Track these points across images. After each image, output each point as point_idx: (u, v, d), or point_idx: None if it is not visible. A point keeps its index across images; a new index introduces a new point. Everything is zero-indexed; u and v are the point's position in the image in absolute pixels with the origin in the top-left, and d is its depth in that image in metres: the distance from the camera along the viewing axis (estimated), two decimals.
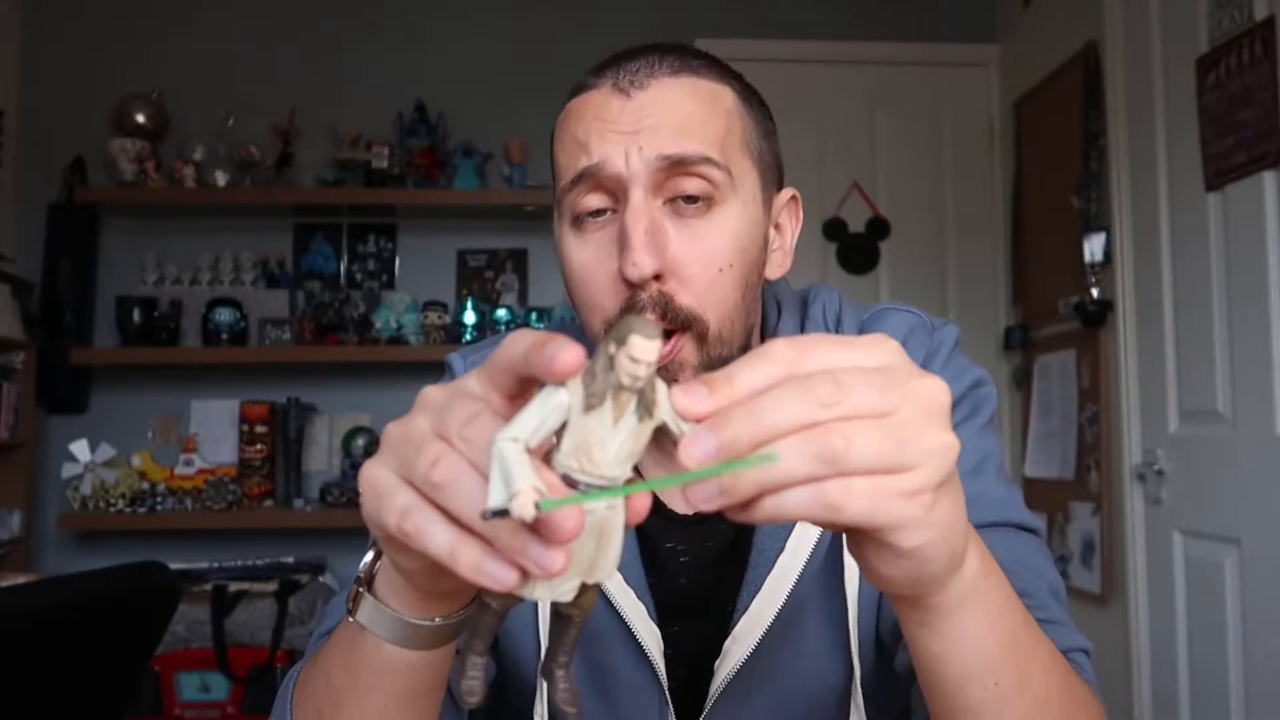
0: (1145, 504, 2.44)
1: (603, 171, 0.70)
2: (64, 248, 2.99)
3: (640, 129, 0.70)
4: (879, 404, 0.39)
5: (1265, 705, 2.00)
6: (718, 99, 0.74)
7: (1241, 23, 2.07)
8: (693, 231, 0.71)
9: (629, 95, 0.71)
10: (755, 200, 0.75)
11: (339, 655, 0.56)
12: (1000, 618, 0.50)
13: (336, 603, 0.76)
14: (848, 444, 0.37)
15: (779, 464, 0.37)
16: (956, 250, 3.27)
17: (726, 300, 0.72)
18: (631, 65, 0.73)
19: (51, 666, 1.40)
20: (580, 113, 0.73)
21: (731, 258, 0.72)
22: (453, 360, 0.86)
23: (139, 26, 3.16)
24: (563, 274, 0.77)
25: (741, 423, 0.38)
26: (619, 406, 0.38)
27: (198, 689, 2.48)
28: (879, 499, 0.38)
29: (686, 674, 0.76)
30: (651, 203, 0.70)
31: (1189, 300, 2.28)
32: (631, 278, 0.68)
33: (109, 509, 2.85)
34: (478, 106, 3.17)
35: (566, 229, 0.74)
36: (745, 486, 0.38)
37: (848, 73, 3.25)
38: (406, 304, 3.06)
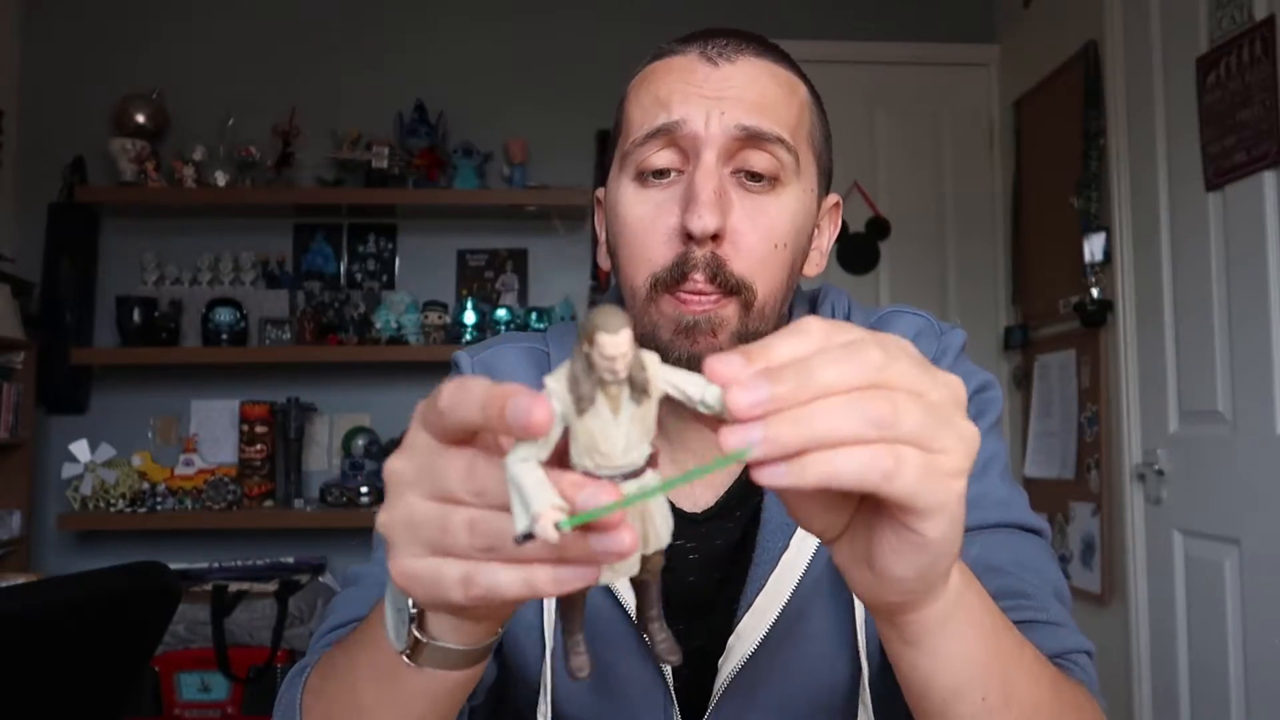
0: (1145, 504, 2.44)
1: (680, 130, 0.71)
2: (64, 248, 2.99)
3: (724, 96, 0.71)
4: (919, 381, 0.39)
5: (1265, 705, 2.00)
6: (795, 89, 0.77)
7: (1241, 23, 2.07)
8: (755, 205, 0.72)
9: (716, 64, 0.73)
10: (812, 193, 0.77)
11: (368, 673, 0.55)
12: (984, 630, 0.50)
13: (340, 602, 0.75)
14: (896, 412, 0.37)
15: (826, 420, 0.36)
16: (956, 250, 3.27)
17: (776, 277, 0.73)
18: (720, 40, 0.75)
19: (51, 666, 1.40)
20: (664, 74, 0.75)
21: (787, 237, 0.73)
22: (459, 359, 0.86)
23: (139, 26, 3.16)
24: (610, 230, 0.77)
25: (793, 376, 0.37)
26: (611, 400, 0.37)
27: (198, 689, 2.48)
28: (928, 474, 0.38)
29: (691, 672, 0.76)
30: (721, 169, 0.71)
31: (1189, 300, 2.28)
32: (695, 230, 0.68)
33: (109, 509, 2.85)
34: (478, 106, 3.17)
35: (627, 182, 0.74)
36: (789, 435, 0.36)
37: (847, 73, 3.25)
38: (406, 304, 3.06)
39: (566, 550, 0.37)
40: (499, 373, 0.83)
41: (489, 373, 0.83)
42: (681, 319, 0.71)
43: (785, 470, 0.37)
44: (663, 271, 0.71)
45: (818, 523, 0.45)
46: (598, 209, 0.84)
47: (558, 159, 3.13)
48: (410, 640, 0.50)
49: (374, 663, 0.54)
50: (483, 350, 0.86)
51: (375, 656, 0.54)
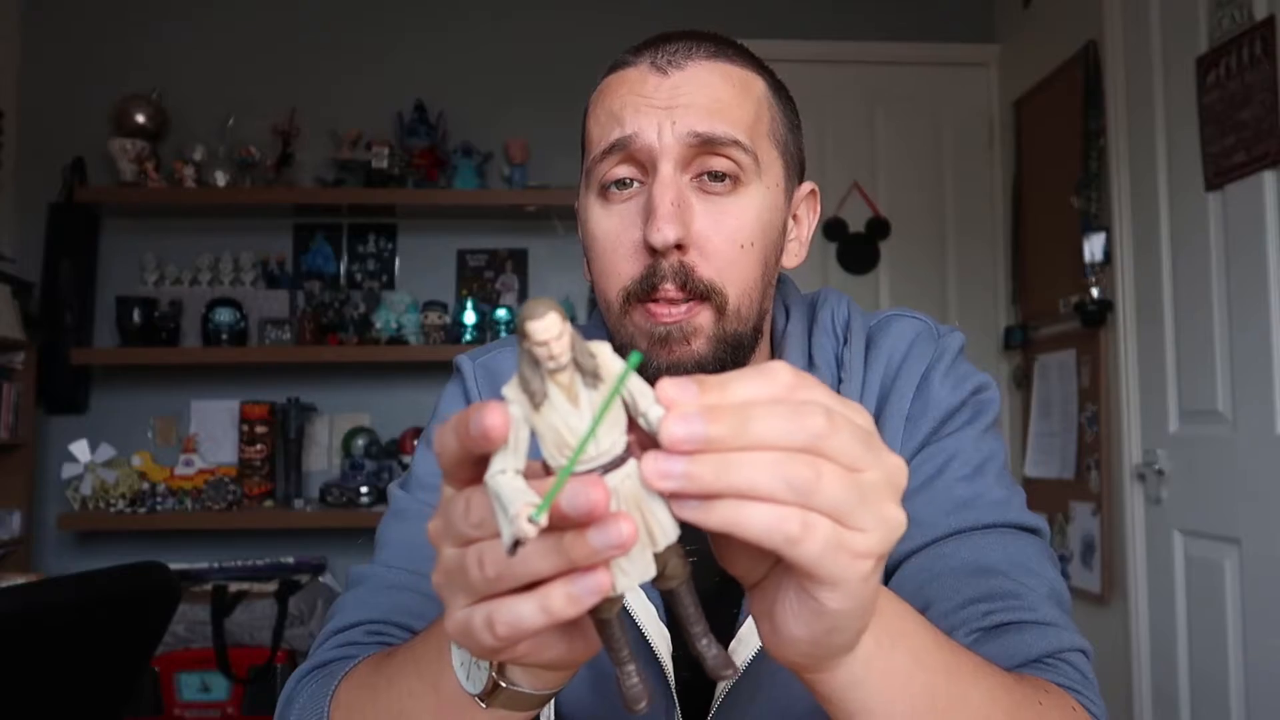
0: (1145, 504, 2.44)
1: (634, 143, 0.72)
2: (64, 248, 2.99)
3: (674, 105, 0.72)
4: (856, 458, 0.39)
5: (1265, 705, 2.00)
6: (750, 86, 0.76)
7: (1241, 23, 2.07)
8: (717, 208, 0.73)
9: (666, 73, 0.74)
10: (778, 187, 0.77)
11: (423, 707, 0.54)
12: (905, 690, 0.49)
13: (344, 603, 0.75)
14: (819, 481, 0.37)
15: (746, 472, 0.37)
16: (956, 250, 3.27)
17: (746, 277, 0.74)
18: (670, 46, 0.76)
19: (51, 666, 1.40)
20: (616, 87, 0.76)
21: (753, 236, 0.74)
22: (461, 362, 0.87)
23: (139, 26, 3.16)
24: (584, 245, 0.79)
25: (731, 421, 0.37)
26: (565, 389, 0.38)
27: (198, 689, 2.48)
28: (833, 547, 0.38)
29: (692, 675, 0.76)
30: (679, 178, 0.72)
31: (1189, 300, 2.28)
32: (656, 244, 0.70)
33: (109, 509, 2.85)
34: (478, 106, 3.17)
35: (592, 199, 0.76)
36: (710, 478, 0.37)
37: (848, 72, 3.25)
38: (406, 304, 3.06)
39: (569, 552, 0.37)
40: (501, 376, 0.84)
41: (490, 377, 0.84)
42: (654, 330, 0.72)
43: (695, 507, 0.37)
44: (633, 284, 0.72)
45: (738, 566, 0.45)
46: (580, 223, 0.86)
47: (558, 159, 3.13)
48: (489, 684, 0.49)
49: (430, 699, 0.54)
50: (484, 354, 0.87)
51: (432, 692, 0.54)
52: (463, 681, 0.51)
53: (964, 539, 0.73)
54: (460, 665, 0.51)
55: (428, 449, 0.83)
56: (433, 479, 0.81)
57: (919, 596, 0.75)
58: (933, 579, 0.73)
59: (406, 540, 0.78)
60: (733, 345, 0.74)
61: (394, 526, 0.80)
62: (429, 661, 0.54)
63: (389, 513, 0.82)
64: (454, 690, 0.51)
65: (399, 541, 0.79)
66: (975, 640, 0.68)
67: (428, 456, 0.83)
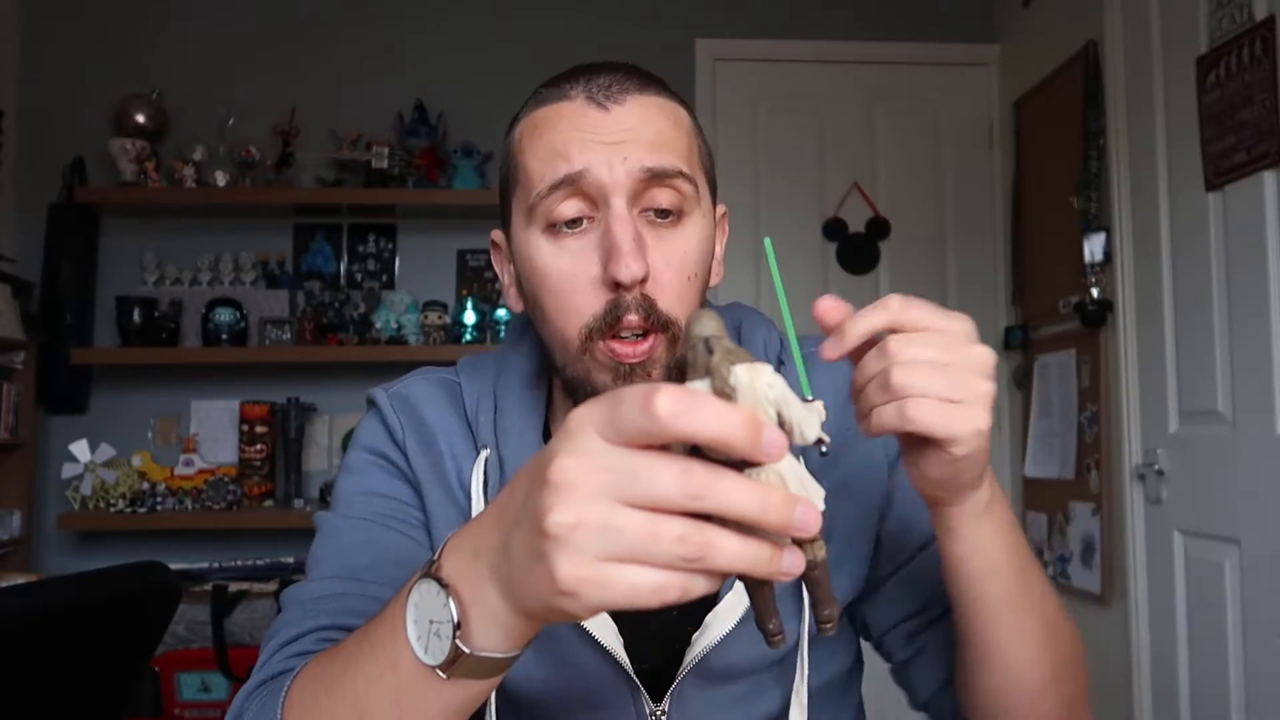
0: (1145, 504, 2.44)
1: (585, 179, 0.72)
2: (64, 248, 2.99)
3: (622, 141, 0.73)
4: (936, 356, 0.58)
5: (1265, 705, 2.00)
6: (680, 119, 0.78)
7: (1241, 23, 2.07)
8: (666, 242, 0.75)
9: (606, 108, 0.74)
10: (709, 214, 0.80)
11: (381, 689, 0.54)
12: (1006, 535, 0.68)
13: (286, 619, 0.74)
14: (906, 379, 0.58)
15: (919, 380, 0.58)
16: (956, 250, 3.27)
17: (692, 306, 0.76)
18: (601, 80, 0.76)
19: (51, 666, 1.40)
20: (555, 121, 0.75)
21: (697, 267, 0.77)
22: (375, 395, 0.87)
23: (139, 26, 3.16)
24: (526, 279, 0.78)
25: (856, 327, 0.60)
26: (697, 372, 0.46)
27: (198, 689, 2.48)
28: (945, 415, 0.57)
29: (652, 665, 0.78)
30: (631, 212, 0.73)
31: (1189, 300, 2.28)
32: (624, 280, 0.71)
33: (109, 509, 2.85)
34: (478, 106, 3.17)
35: (537, 234, 0.75)
36: (855, 340, 0.60)
37: (847, 73, 3.25)
38: (406, 304, 3.06)
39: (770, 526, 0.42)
40: (415, 402, 0.85)
41: (405, 404, 0.85)
42: (619, 368, 0.74)
43: (894, 415, 0.59)
44: (595, 320, 0.73)
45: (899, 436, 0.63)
46: (496, 252, 0.86)
47: None
48: (452, 653, 0.49)
49: (388, 679, 0.54)
50: (396, 385, 0.88)
51: (390, 671, 0.53)
52: (421, 655, 0.51)
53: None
54: (418, 639, 0.51)
55: (350, 473, 0.84)
56: (359, 496, 0.82)
57: (915, 596, 0.80)
58: (925, 572, 0.80)
59: (339, 551, 0.78)
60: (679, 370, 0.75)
61: (325, 544, 0.80)
62: (384, 642, 0.54)
63: (318, 536, 0.81)
64: (413, 666, 0.51)
65: (333, 555, 0.78)
66: None
67: (350, 479, 0.84)
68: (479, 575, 0.48)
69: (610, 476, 0.41)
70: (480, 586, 0.48)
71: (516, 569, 0.46)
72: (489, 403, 0.84)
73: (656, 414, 0.40)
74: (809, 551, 0.45)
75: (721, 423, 0.40)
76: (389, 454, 0.84)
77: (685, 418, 0.40)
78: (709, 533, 0.40)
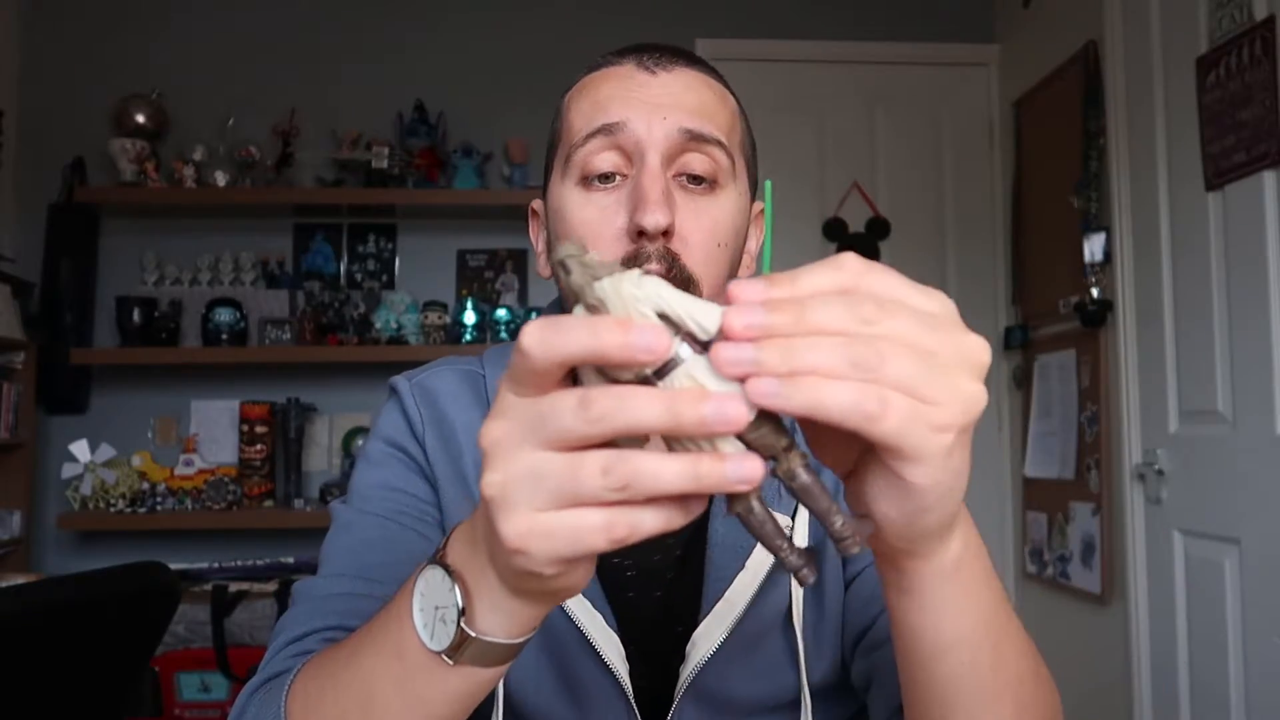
0: (1145, 504, 2.44)
1: (622, 131, 0.74)
2: (64, 248, 2.99)
3: (664, 102, 0.74)
4: (918, 338, 0.40)
5: (1265, 705, 2.00)
6: (726, 99, 0.80)
7: (1241, 23, 2.07)
8: (697, 205, 0.75)
9: (654, 73, 0.76)
10: (745, 195, 0.80)
11: (388, 679, 0.54)
12: (980, 598, 0.52)
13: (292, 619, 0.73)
14: (881, 359, 0.39)
15: (811, 355, 0.38)
16: (956, 250, 3.27)
17: (719, 275, 0.76)
18: (653, 52, 0.78)
19: (51, 666, 1.40)
20: (601, 82, 0.77)
21: (728, 236, 0.76)
22: (397, 383, 0.87)
23: (139, 26, 3.16)
24: (554, 233, 0.79)
25: (790, 312, 0.39)
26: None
27: (198, 689, 2.48)
28: (911, 421, 0.40)
29: (648, 683, 0.78)
30: (664, 172, 0.74)
31: (1189, 300, 2.28)
32: (648, 226, 0.71)
33: (109, 509, 2.85)
34: (478, 106, 3.17)
35: (571, 186, 0.76)
36: (776, 361, 0.38)
37: (848, 72, 3.25)
38: (406, 304, 3.06)
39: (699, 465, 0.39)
40: (437, 395, 0.84)
41: (427, 396, 0.84)
42: None
43: (775, 393, 0.38)
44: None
45: (828, 455, 0.48)
46: (534, 220, 0.86)
47: None
48: (457, 637, 0.49)
49: (394, 668, 0.53)
50: (419, 374, 0.87)
51: (395, 660, 0.53)
52: (426, 641, 0.50)
53: None
54: (424, 626, 0.51)
55: (368, 465, 0.83)
56: (375, 491, 0.81)
57: (875, 601, 0.79)
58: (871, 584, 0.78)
59: (353, 548, 0.77)
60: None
61: (339, 539, 0.79)
62: (389, 632, 0.54)
63: (332, 529, 0.80)
64: (418, 653, 0.51)
65: (346, 551, 0.78)
66: None
67: (368, 471, 0.83)
68: (481, 562, 0.48)
69: (523, 426, 0.41)
70: (483, 572, 0.48)
71: (490, 546, 0.46)
72: None
73: (523, 348, 0.40)
74: (784, 462, 0.41)
75: (584, 336, 0.39)
76: (408, 447, 0.83)
77: (549, 344, 0.39)
78: (631, 458, 0.39)
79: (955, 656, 0.53)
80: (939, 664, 0.53)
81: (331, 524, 0.81)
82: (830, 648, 0.80)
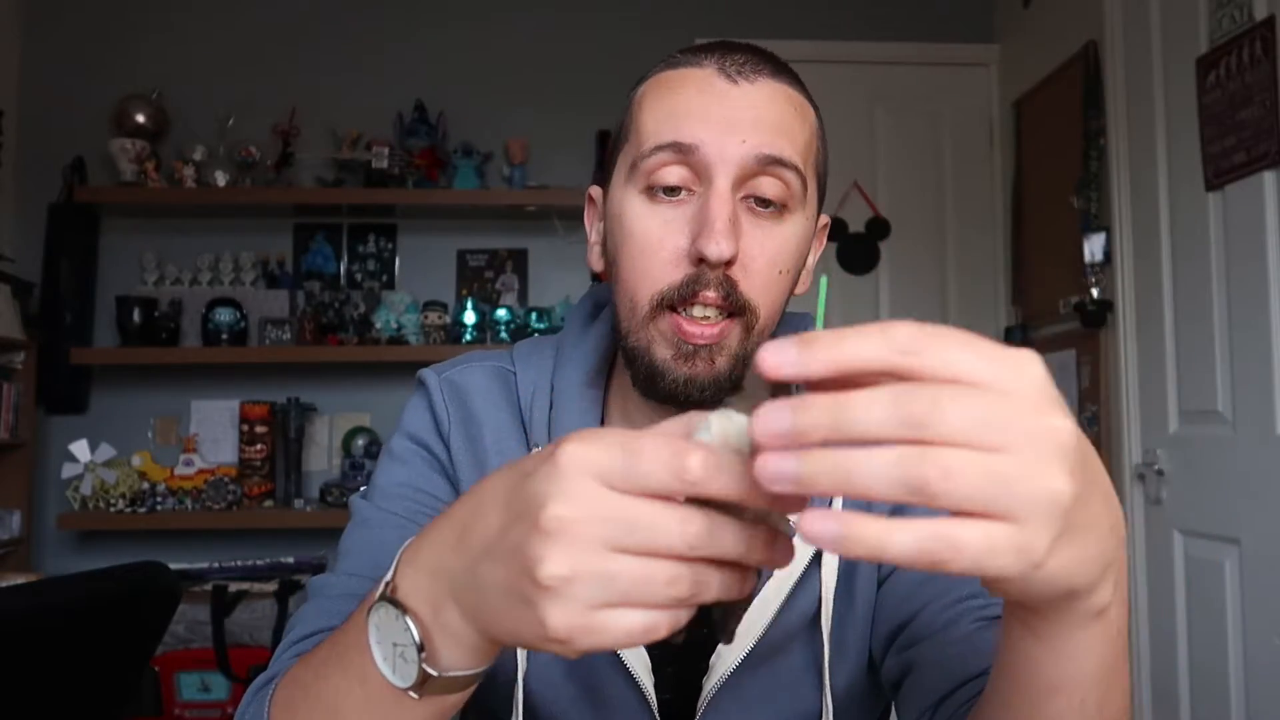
0: (1145, 504, 2.44)
1: (697, 153, 0.70)
2: (64, 248, 2.99)
3: (742, 121, 0.71)
4: (984, 437, 0.34)
5: (1265, 705, 2.00)
6: (806, 114, 0.76)
7: (1241, 23, 2.07)
8: (764, 231, 0.72)
9: (735, 82, 0.72)
10: (812, 219, 0.77)
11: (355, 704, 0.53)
12: (1112, 645, 0.47)
13: (306, 614, 0.73)
14: (944, 478, 0.33)
15: (865, 477, 0.34)
16: (956, 250, 3.27)
17: (777, 301, 0.74)
18: (737, 56, 0.74)
19: (51, 666, 1.40)
20: (682, 85, 0.73)
21: (790, 263, 0.74)
22: (425, 376, 0.85)
23: (139, 26, 3.16)
24: (612, 236, 0.76)
25: (823, 413, 0.35)
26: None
27: (198, 689, 2.48)
28: (986, 551, 0.34)
29: (673, 696, 0.77)
30: (734, 195, 0.71)
31: (1189, 300, 2.27)
32: (711, 256, 0.68)
33: (109, 509, 2.85)
34: (478, 106, 3.17)
35: (634, 194, 0.73)
36: (825, 482, 0.35)
37: (848, 72, 3.25)
38: (406, 304, 3.06)
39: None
40: (467, 392, 0.83)
41: (455, 392, 0.83)
42: (682, 346, 0.71)
43: (837, 533, 0.35)
44: (670, 290, 0.71)
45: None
46: (590, 207, 0.84)
47: (558, 159, 3.13)
48: (420, 676, 0.48)
49: (358, 693, 0.53)
50: (449, 369, 0.85)
51: (359, 687, 0.52)
52: (389, 677, 0.49)
53: None
54: (384, 660, 0.50)
55: (392, 461, 0.82)
56: (397, 489, 0.80)
57: (914, 597, 0.77)
58: (926, 578, 0.75)
59: (371, 547, 0.76)
60: (748, 365, 0.74)
61: (357, 535, 0.78)
62: (352, 656, 0.53)
63: (352, 523, 0.79)
64: (381, 684, 0.50)
65: (363, 549, 0.77)
66: (980, 627, 0.70)
67: (391, 468, 0.82)
68: (439, 596, 0.47)
69: (608, 526, 0.40)
70: (441, 608, 0.47)
71: (490, 602, 0.44)
72: (544, 399, 0.81)
73: (687, 472, 0.39)
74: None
75: (737, 484, 0.39)
76: (432, 446, 0.82)
77: (708, 481, 0.39)
78: (700, 572, 0.41)
79: (1067, 698, 0.49)
80: (1048, 702, 0.49)
81: (351, 517, 0.80)
82: (856, 651, 0.78)
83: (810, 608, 0.77)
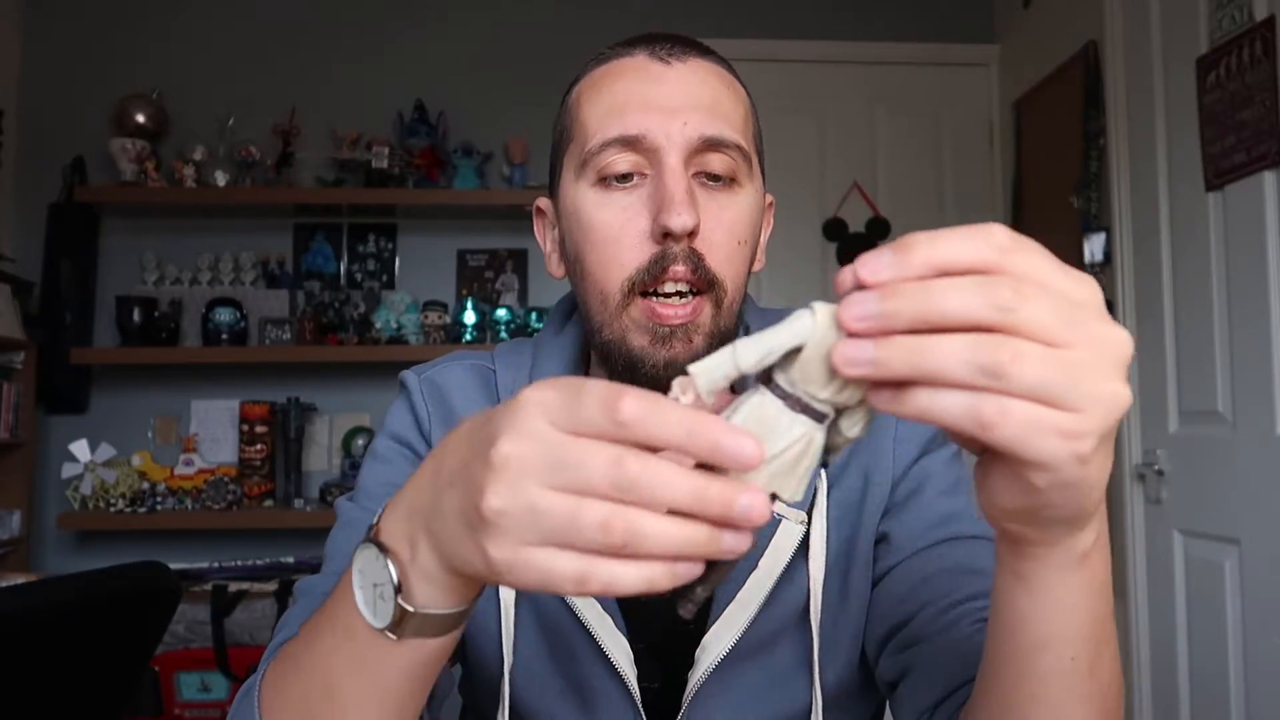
0: (1145, 504, 2.44)
1: (643, 141, 0.72)
2: (64, 248, 2.99)
3: (682, 105, 0.72)
4: (1056, 332, 0.37)
5: (1265, 705, 2.00)
6: (738, 92, 0.78)
7: (1241, 23, 2.07)
8: (719, 204, 0.73)
9: (668, 64, 0.75)
10: (760, 193, 0.78)
11: (340, 661, 0.54)
12: (1097, 596, 0.49)
13: (292, 616, 0.74)
14: (1014, 363, 0.36)
15: (935, 358, 0.36)
16: None
17: (740, 273, 0.75)
18: (664, 41, 0.76)
19: (51, 666, 1.40)
20: (618, 75, 0.75)
21: (747, 234, 0.75)
22: (407, 378, 0.86)
23: (139, 26, 3.16)
24: (569, 235, 0.77)
25: (910, 298, 0.37)
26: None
27: (198, 689, 2.48)
28: (1034, 430, 0.37)
29: (662, 686, 0.77)
30: (685, 171, 0.72)
31: (1189, 300, 2.28)
32: (675, 228, 0.69)
33: (109, 509, 2.85)
34: (478, 106, 3.17)
35: (588, 188, 0.74)
36: (898, 364, 0.37)
37: (848, 72, 3.25)
38: (406, 304, 3.06)
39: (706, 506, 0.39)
40: (446, 390, 0.84)
41: (435, 391, 0.84)
42: (658, 330, 0.72)
43: (890, 398, 0.38)
44: (638, 273, 0.71)
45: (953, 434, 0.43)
46: (540, 219, 0.84)
47: None
48: (397, 613, 0.49)
49: (346, 648, 0.54)
50: (429, 369, 0.86)
51: (347, 642, 0.53)
52: (370, 619, 0.51)
53: (951, 546, 0.75)
54: (365, 604, 0.51)
55: (375, 461, 0.83)
56: (381, 489, 0.80)
57: (912, 598, 0.76)
58: (925, 580, 0.75)
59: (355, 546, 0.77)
60: (722, 342, 0.74)
61: (342, 536, 0.79)
62: (339, 611, 0.54)
63: (337, 525, 0.80)
64: (365, 631, 0.51)
65: (348, 550, 0.76)
66: (979, 629, 0.69)
67: (375, 468, 0.82)
68: (413, 533, 0.48)
69: (543, 461, 0.40)
70: (415, 545, 0.48)
71: (449, 530, 0.45)
72: None
73: (618, 411, 0.39)
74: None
75: (679, 433, 0.39)
76: (414, 444, 0.83)
77: (645, 422, 0.39)
78: (635, 517, 0.39)
79: (1057, 652, 0.50)
80: (1039, 657, 0.50)
81: (337, 519, 0.81)
82: (847, 649, 0.78)
83: (799, 601, 0.77)
